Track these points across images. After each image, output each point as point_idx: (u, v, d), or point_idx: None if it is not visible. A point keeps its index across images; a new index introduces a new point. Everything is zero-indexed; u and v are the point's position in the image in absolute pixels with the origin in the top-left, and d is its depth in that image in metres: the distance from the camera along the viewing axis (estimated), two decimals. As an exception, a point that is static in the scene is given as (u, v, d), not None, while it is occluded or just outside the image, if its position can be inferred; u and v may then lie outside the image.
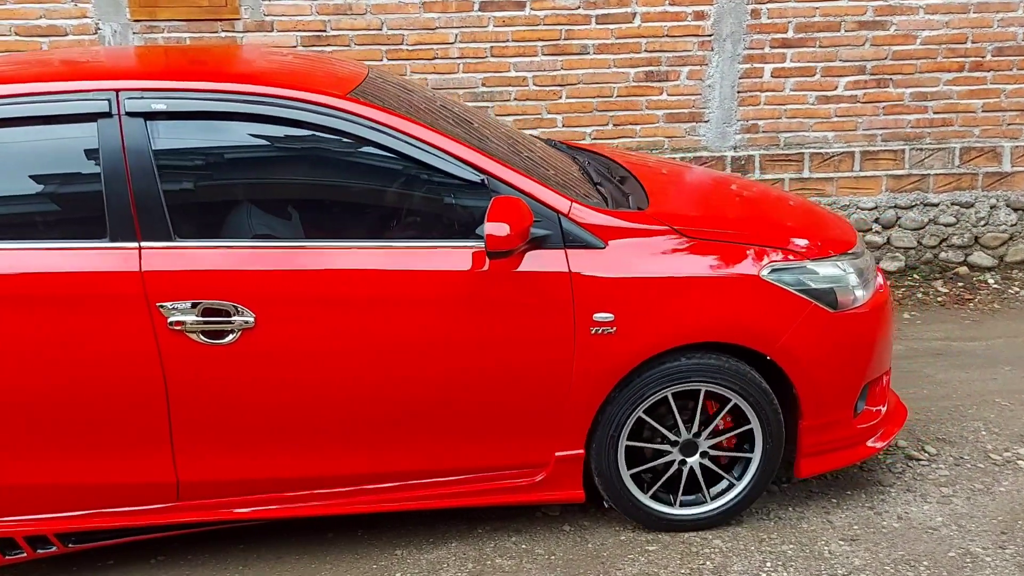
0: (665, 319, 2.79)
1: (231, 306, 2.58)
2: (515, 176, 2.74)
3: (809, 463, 3.05)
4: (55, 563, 2.95)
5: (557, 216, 2.73)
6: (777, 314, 2.86)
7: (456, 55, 5.05)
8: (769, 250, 2.91)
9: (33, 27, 4.78)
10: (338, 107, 2.66)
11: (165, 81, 2.67)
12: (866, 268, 3.10)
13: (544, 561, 2.92)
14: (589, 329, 2.74)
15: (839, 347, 2.95)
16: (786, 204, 3.59)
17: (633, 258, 2.79)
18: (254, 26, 4.89)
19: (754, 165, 5.38)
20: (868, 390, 3.12)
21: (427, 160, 2.70)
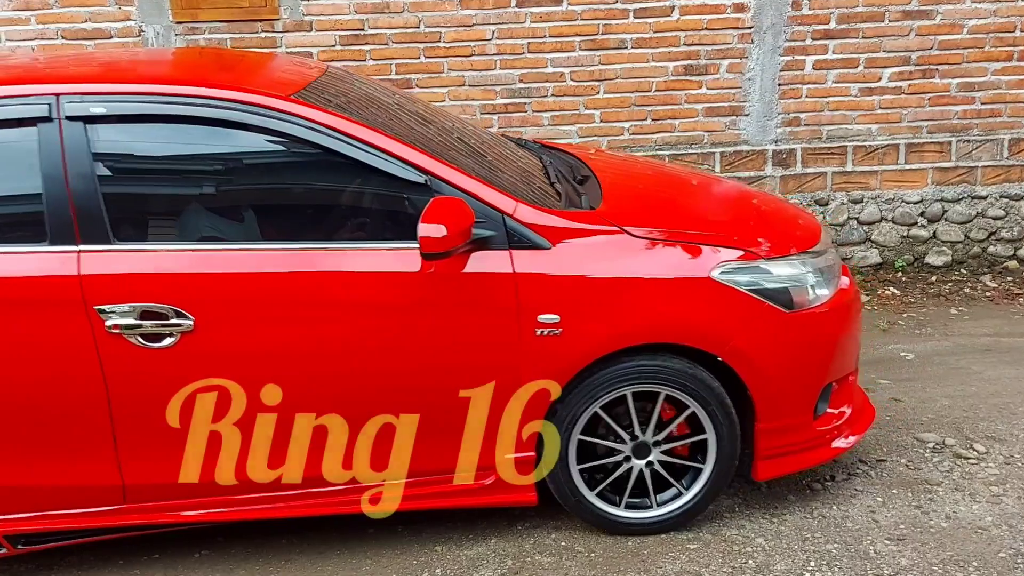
0: (611, 320, 2.73)
1: (169, 309, 2.57)
2: (458, 176, 2.70)
3: (767, 465, 2.97)
4: (100, 555, 3.01)
5: (502, 216, 2.69)
6: (728, 315, 2.80)
7: (493, 51, 5.05)
8: (723, 250, 2.84)
9: (79, 30, 4.87)
10: (279, 108, 2.63)
11: (104, 85, 2.65)
12: (828, 267, 3.03)
13: (584, 559, 2.91)
14: (534, 331, 2.70)
15: (795, 348, 2.88)
16: (750, 202, 3.48)
17: (579, 258, 2.74)
18: (293, 26, 4.93)
19: (795, 159, 5.30)
20: (832, 391, 3.06)
21: (370, 161, 2.66)
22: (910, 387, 4.01)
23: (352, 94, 3.04)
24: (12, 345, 2.56)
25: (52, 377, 2.59)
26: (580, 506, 2.96)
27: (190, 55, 3.70)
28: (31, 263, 2.56)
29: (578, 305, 2.71)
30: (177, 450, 2.70)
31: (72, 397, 2.62)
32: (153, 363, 2.60)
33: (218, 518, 2.83)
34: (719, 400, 2.84)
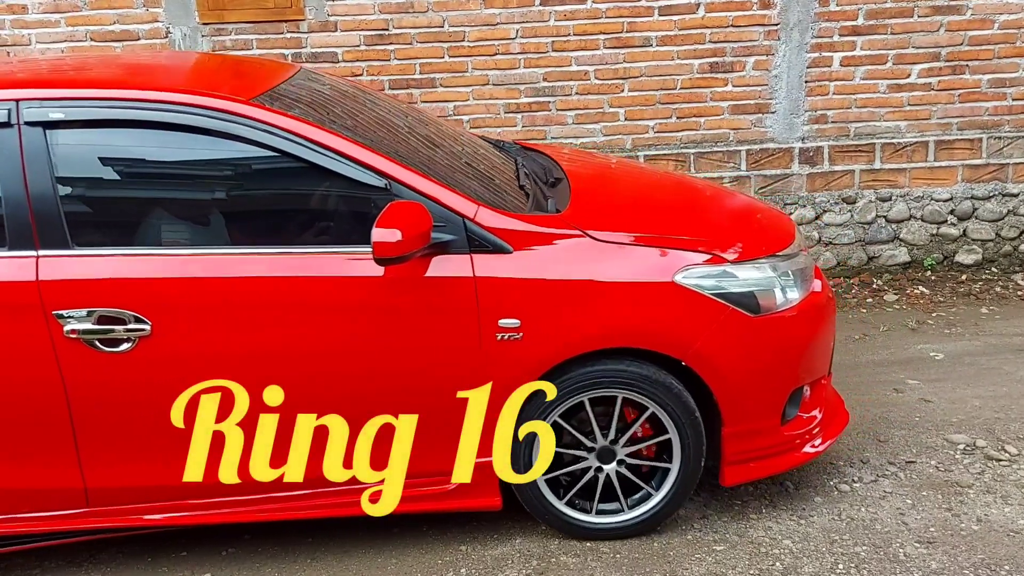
0: (573, 324, 2.71)
1: (126, 314, 2.58)
2: (418, 179, 2.69)
3: (734, 471, 2.94)
4: (128, 552, 3.04)
5: (462, 220, 2.68)
6: (691, 319, 2.77)
7: (517, 50, 5.04)
8: (688, 254, 2.81)
9: (107, 32, 4.92)
10: (238, 112, 2.63)
11: (63, 90, 2.65)
12: (799, 270, 2.99)
13: (609, 559, 2.90)
14: (495, 335, 2.69)
15: (761, 352, 2.84)
16: (724, 205, 3.44)
17: (540, 262, 2.72)
18: (318, 26, 4.96)
19: (823, 156, 5.25)
20: (803, 395, 3.03)
21: (329, 165, 2.65)
22: (940, 388, 3.96)
23: (320, 97, 3.04)
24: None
25: (12, 381, 2.61)
26: (544, 510, 2.95)
27: (160, 59, 3.67)
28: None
29: (539, 310, 2.70)
30: (140, 453, 2.72)
31: (32, 401, 2.63)
32: (112, 368, 2.61)
33: (183, 522, 2.83)
34: (683, 404, 2.82)
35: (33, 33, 4.90)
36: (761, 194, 5.27)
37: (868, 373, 4.15)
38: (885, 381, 4.05)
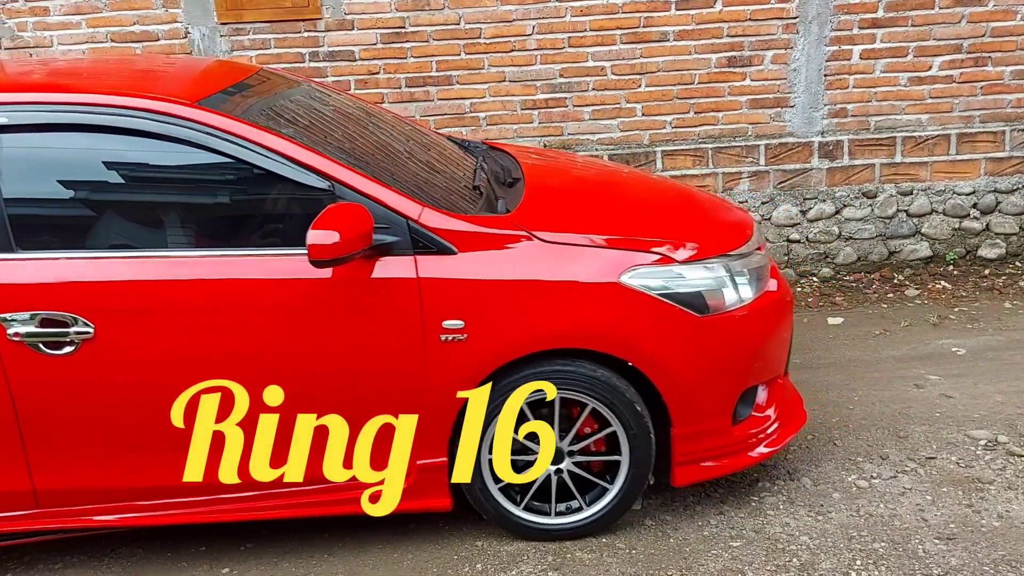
0: (517, 326, 2.71)
1: (69, 317, 2.59)
2: (362, 181, 2.68)
3: (684, 471, 2.94)
4: (148, 547, 3.07)
5: (406, 221, 2.68)
6: (637, 320, 2.76)
7: (533, 47, 5.04)
8: (636, 254, 2.80)
9: (128, 33, 4.97)
10: (181, 115, 2.63)
11: (8, 94, 2.66)
12: (752, 269, 2.97)
13: (625, 555, 2.89)
14: (439, 336, 2.69)
15: (709, 353, 2.83)
16: (681, 203, 3.41)
17: (485, 263, 2.71)
18: (335, 25, 4.98)
19: (842, 151, 5.20)
20: (756, 395, 3.01)
21: (275, 168, 2.66)
22: (961, 383, 3.91)
23: (274, 99, 3.06)
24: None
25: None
26: (495, 511, 2.95)
27: (113, 63, 3.67)
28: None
29: (483, 311, 2.70)
30: (86, 455, 2.74)
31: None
32: (56, 370, 2.64)
33: (135, 523, 2.85)
34: (629, 405, 2.81)
35: (55, 35, 4.95)
36: (780, 189, 5.24)
37: (888, 369, 4.11)
38: (905, 377, 4.01)
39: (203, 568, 2.97)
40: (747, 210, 3.83)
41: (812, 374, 4.10)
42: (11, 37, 4.95)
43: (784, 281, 3.21)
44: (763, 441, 3.02)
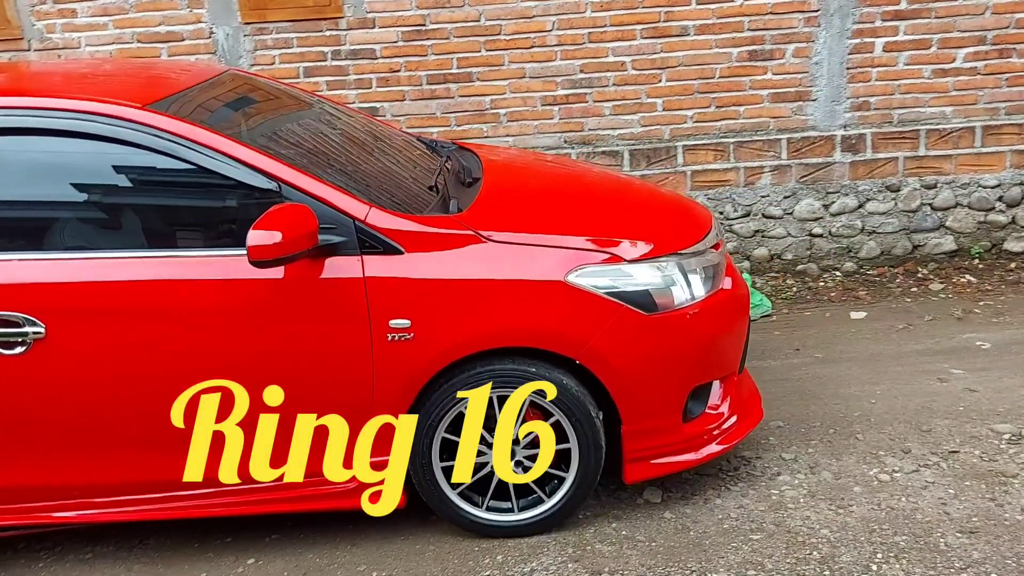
0: (463, 324, 2.73)
1: (21, 317, 2.63)
2: (309, 182, 2.71)
3: (635, 468, 2.95)
4: (176, 539, 3.13)
5: (353, 222, 2.70)
6: (584, 318, 2.77)
7: (554, 43, 5.05)
8: (584, 253, 2.81)
9: (153, 34, 5.04)
10: (130, 117, 2.68)
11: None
12: (706, 267, 2.97)
13: (645, 548, 2.91)
14: (386, 336, 2.71)
15: (657, 350, 2.84)
16: (639, 201, 3.42)
17: (431, 263, 2.74)
18: (357, 23, 5.02)
19: (865, 144, 5.17)
20: (709, 392, 3.03)
21: (223, 169, 2.69)
22: (985, 377, 3.88)
23: (232, 101, 3.09)
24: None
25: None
26: (444, 506, 2.98)
27: (71, 66, 3.72)
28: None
29: (429, 310, 2.72)
30: (41, 453, 2.79)
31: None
32: (9, 370, 2.68)
33: (92, 519, 2.90)
34: (578, 402, 2.83)
35: (83, 36, 5.03)
36: (803, 183, 5.21)
37: (912, 363, 4.08)
38: (929, 371, 3.99)
39: (229, 559, 3.02)
40: (707, 207, 3.81)
41: (834, 368, 4.08)
42: (40, 39, 5.04)
43: (740, 279, 3.22)
44: (716, 438, 3.04)
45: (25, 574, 3.03)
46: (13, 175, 2.73)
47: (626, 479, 2.97)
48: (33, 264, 2.69)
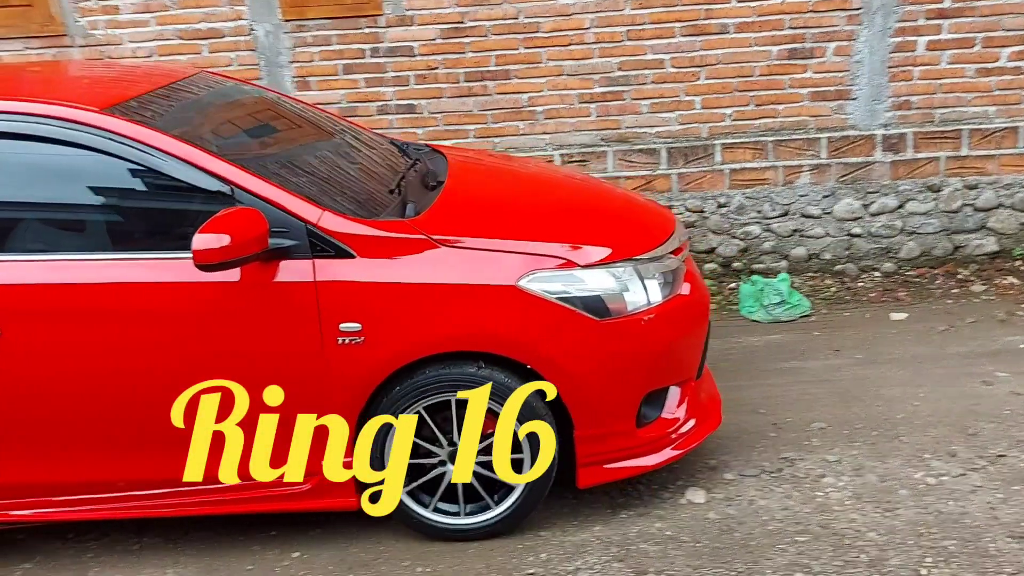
0: (414, 329, 2.74)
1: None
2: (261, 185, 2.71)
3: (588, 473, 2.95)
4: (221, 531, 3.16)
5: (305, 225, 2.70)
6: (535, 323, 2.77)
7: (592, 40, 5.03)
8: (538, 258, 2.80)
9: (195, 31, 5.08)
10: (85, 121, 2.69)
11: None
12: (663, 273, 2.96)
13: (690, 548, 2.90)
14: (336, 339, 2.72)
15: (609, 355, 2.84)
16: (601, 206, 3.41)
17: (382, 267, 2.74)
18: (396, 21, 5.03)
19: (906, 144, 5.11)
20: (665, 397, 3.02)
21: (177, 173, 2.71)
22: (1032, 380, 3.84)
23: (194, 104, 3.12)
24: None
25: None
26: (408, 517, 2.99)
27: (34, 69, 3.74)
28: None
29: (380, 314, 2.72)
30: (2, 451, 2.83)
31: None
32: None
33: (49, 518, 2.94)
34: (529, 408, 2.83)
35: (126, 33, 5.08)
36: (842, 182, 5.17)
37: (955, 365, 4.04)
38: (973, 373, 3.94)
39: (274, 551, 3.05)
40: (672, 211, 3.79)
41: (875, 369, 4.05)
42: (83, 35, 5.09)
43: (701, 284, 3.21)
44: (673, 443, 3.03)
45: (74, 564, 3.07)
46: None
47: (579, 484, 2.97)
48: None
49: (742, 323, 4.74)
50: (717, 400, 3.32)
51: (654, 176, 5.21)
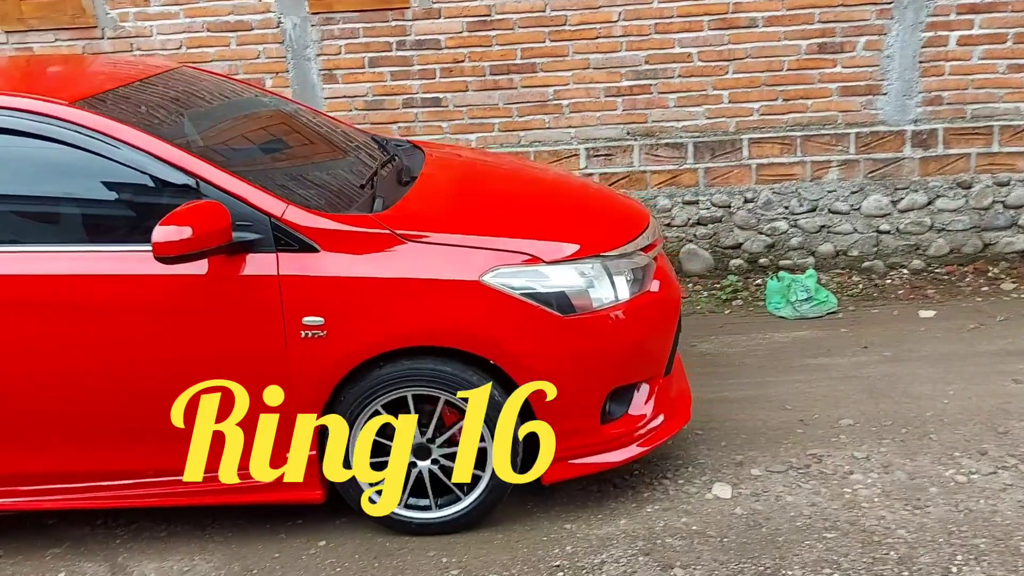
0: (376, 323, 2.74)
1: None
2: (225, 178, 2.73)
3: (552, 469, 2.94)
4: (251, 520, 3.18)
5: (269, 219, 2.71)
6: (498, 318, 2.77)
7: (619, 33, 5.01)
8: (502, 254, 2.80)
9: (223, 23, 5.11)
10: (55, 114, 2.72)
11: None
12: (633, 269, 2.95)
13: (716, 543, 2.89)
14: (300, 333, 2.73)
15: (572, 352, 2.84)
16: (572, 201, 3.42)
17: (345, 261, 2.74)
18: (423, 14, 5.03)
19: (937, 139, 5.05)
20: (632, 394, 3.02)
21: (144, 166, 2.73)
22: (1064, 379, 3.79)
23: (167, 97, 3.14)
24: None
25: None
26: (360, 499, 2.98)
27: (14, 62, 3.78)
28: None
29: (343, 308, 2.73)
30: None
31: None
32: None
33: (8, 507, 2.99)
34: (494, 403, 2.83)
35: (155, 25, 5.12)
36: (871, 178, 5.12)
37: (985, 363, 3.99)
38: (1003, 372, 3.89)
39: (301, 540, 3.06)
40: (647, 207, 3.76)
41: (904, 367, 4.01)
42: (113, 27, 5.14)
43: (672, 281, 3.20)
44: (638, 440, 3.02)
45: (103, 550, 3.10)
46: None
47: (543, 480, 2.97)
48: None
49: (768, 319, 4.71)
50: (687, 397, 3.31)
51: (680, 171, 5.18)
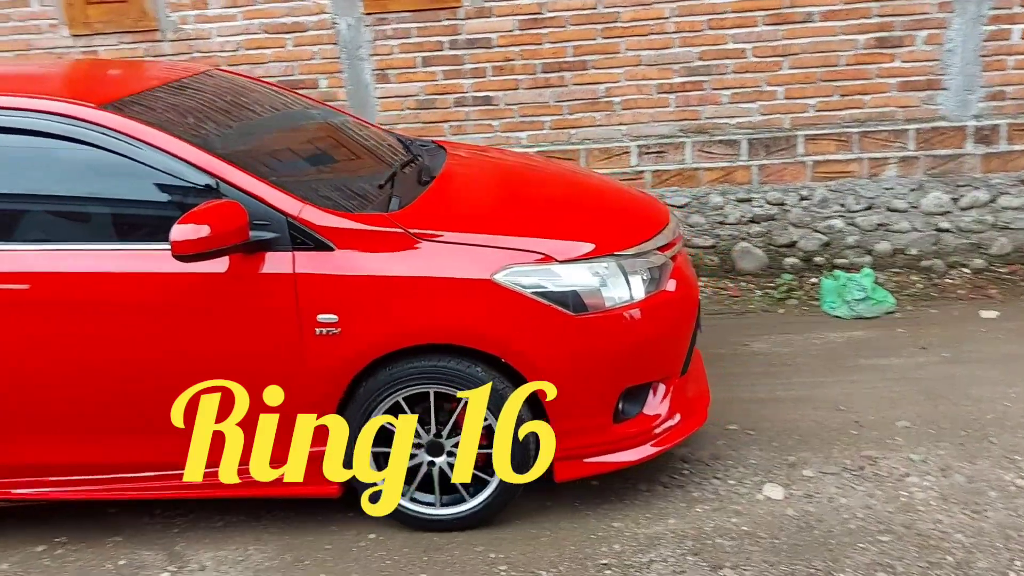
0: (390, 321, 2.76)
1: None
2: (244, 178, 2.77)
3: (564, 467, 2.95)
4: (301, 512, 3.24)
5: (286, 219, 2.75)
6: (509, 317, 2.78)
7: (672, 30, 4.98)
8: (515, 253, 2.81)
9: (279, 24, 5.20)
10: (83, 117, 2.78)
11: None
12: (649, 269, 2.90)
13: (767, 544, 2.85)
14: (314, 330, 2.76)
15: (584, 351, 2.83)
16: (590, 200, 3.41)
17: (360, 260, 2.77)
18: (475, 12, 5.06)
19: (999, 135, 4.91)
20: (647, 393, 2.99)
21: (167, 167, 2.78)
22: None
23: (195, 100, 3.18)
24: None
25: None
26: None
27: (48, 65, 3.85)
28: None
29: (357, 306, 2.76)
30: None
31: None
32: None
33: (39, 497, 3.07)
34: (503, 399, 2.84)
35: (214, 27, 5.24)
36: (931, 175, 5.00)
37: (1050, 365, 3.88)
38: (1069, 374, 3.78)
39: (352, 533, 3.11)
40: (668, 206, 3.68)
41: (964, 368, 3.91)
42: (174, 30, 5.27)
43: (689, 280, 3.17)
44: (651, 440, 2.99)
45: (161, 539, 3.19)
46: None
47: (556, 478, 2.97)
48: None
49: (823, 319, 4.64)
50: (706, 397, 3.28)
51: (734, 167, 5.13)
